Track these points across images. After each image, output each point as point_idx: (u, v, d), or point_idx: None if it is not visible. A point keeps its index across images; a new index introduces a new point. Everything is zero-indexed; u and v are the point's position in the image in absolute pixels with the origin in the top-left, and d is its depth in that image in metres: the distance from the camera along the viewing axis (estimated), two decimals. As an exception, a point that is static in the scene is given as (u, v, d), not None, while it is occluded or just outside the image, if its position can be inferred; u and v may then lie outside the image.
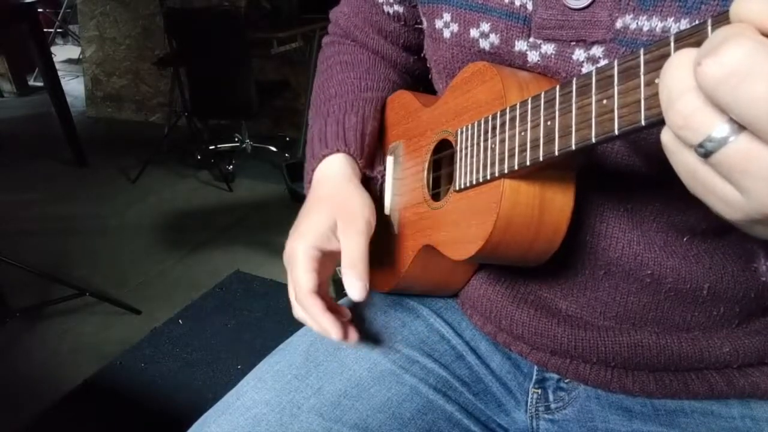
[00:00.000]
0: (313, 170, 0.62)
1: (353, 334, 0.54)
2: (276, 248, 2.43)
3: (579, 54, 0.45)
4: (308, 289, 0.52)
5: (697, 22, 0.39)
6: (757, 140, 0.24)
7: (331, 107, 0.65)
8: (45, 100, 3.49)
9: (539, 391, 0.59)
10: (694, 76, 0.24)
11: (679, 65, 0.26)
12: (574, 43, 0.45)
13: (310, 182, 0.62)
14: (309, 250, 0.53)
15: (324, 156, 0.61)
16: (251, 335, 1.89)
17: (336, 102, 0.65)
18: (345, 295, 0.65)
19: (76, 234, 2.62)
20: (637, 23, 0.41)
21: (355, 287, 0.51)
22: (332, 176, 0.60)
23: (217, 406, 0.56)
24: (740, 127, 0.24)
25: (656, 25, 0.41)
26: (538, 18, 0.46)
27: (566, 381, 0.58)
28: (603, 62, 0.44)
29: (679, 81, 0.25)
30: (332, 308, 0.54)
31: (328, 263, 0.56)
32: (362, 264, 0.52)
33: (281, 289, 2.11)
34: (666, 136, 0.28)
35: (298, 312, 0.56)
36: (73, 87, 4.84)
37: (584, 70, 0.45)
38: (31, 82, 4.99)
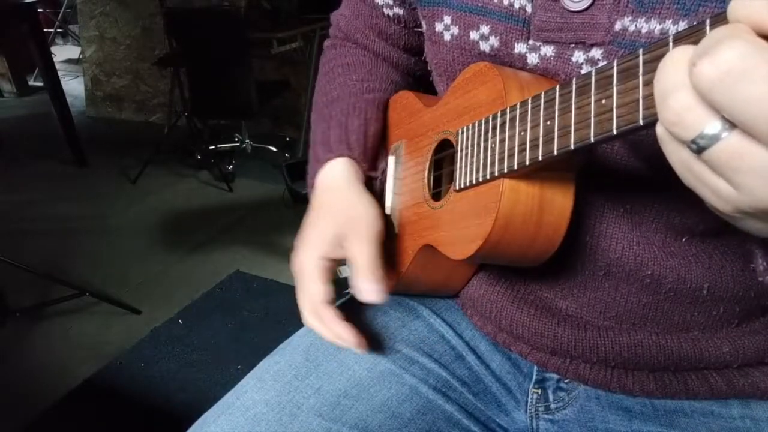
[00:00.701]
0: (315, 175, 0.62)
1: (364, 342, 0.55)
2: (276, 248, 2.43)
3: (578, 56, 0.45)
4: (324, 300, 0.54)
5: (695, 23, 0.39)
6: (749, 138, 0.24)
7: (334, 110, 0.65)
8: (45, 100, 3.48)
9: (539, 391, 0.59)
10: (688, 75, 0.25)
11: (674, 62, 0.26)
12: (573, 45, 0.45)
13: (312, 187, 0.62)
14: (319, 261, 0.55)
15: (327, 160, 0.61)
16: (251, 335, 1.89)
17: (338, 105, 0.65)
18: (344, 295, 0.65)
19: (76, 234, 2.62)
20: (635, 25, 0.42)
21: (372, 290, 0.52)
22: (335, 183, 0.60)
23: (217, 406, 0.56)
24: (732, 124, 0.24)
25: (655, 27, 0.41)
26: (538, 20, 0.46)
27: (566, 381, 0.58)
28: (602, 64, 0.44)
29: (673, 77, 0.26)
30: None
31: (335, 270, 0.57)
32: (377, 269, 0.53)
33: (281, 289, 2.12)
34: (660, 129, 0.28)
35: (310, 320, 0.56)
36: (73, 87, 4.84)
37: (583, 71, 0.45)
38: (31, 82, 4.99)
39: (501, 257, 0.47)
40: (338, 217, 0.56)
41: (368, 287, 0.52)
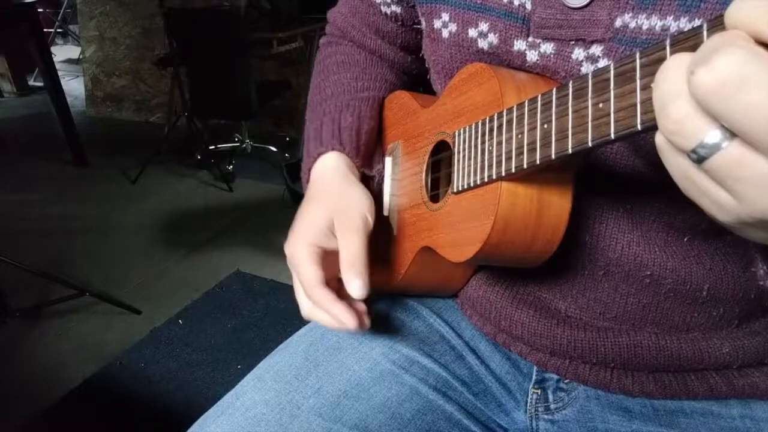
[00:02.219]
0: (309, 169, 0.62)
1: (367, 319, 0.53)
2: (276, 248, 2.43)
3: (578, 53, 0.45)
4: (315, 282, 0.51)
5: (696, 20, 0.39)
6: (749, 147, 0.24)
7: (327, 107, 0.65)
8: (45, 100, 3.49)
9: (539, 391, 0.59)
10: (687, 83, 0.24)
11: (672, 70, 0.25)
12: (573, 42, 0.45)
13: (307, 182, 0.63)
14: (309, 247, 0.53)
15: (319, 154, 0.61)
16: (251, 335, 1.89)
17: (332, 102, 0.65)
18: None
19: (76, 234, 2.62)
20: (636, 22, 0.41)
21: (354, 285, 0.50)
22: (328, 174, 0.60)
23: (217, 406, 0.56)
24: (732, 133, 0.24)
25: (655, 24, 0.40)
26: (537, 17, 0.46)
27: (566, 381, 0.58)
28: (602, 61, 0.44)
29: (672, 86, 0.25)
30: (342, 297, 0.52)
31: (332, 261, 0.54)
32: (360, 262, 0.51)
33: (281, 289, 2.12)
34: (660, 139, 0.28)
35: (306, 310, 0.54)
36: (73, 87, 4.84)
37: (583, 69, 0.45)
38: (31, 82, 4.99)
39: (500, 259, 0.47)
40: (329, 206, 0.56)
41: (349, 279, 0.51)
